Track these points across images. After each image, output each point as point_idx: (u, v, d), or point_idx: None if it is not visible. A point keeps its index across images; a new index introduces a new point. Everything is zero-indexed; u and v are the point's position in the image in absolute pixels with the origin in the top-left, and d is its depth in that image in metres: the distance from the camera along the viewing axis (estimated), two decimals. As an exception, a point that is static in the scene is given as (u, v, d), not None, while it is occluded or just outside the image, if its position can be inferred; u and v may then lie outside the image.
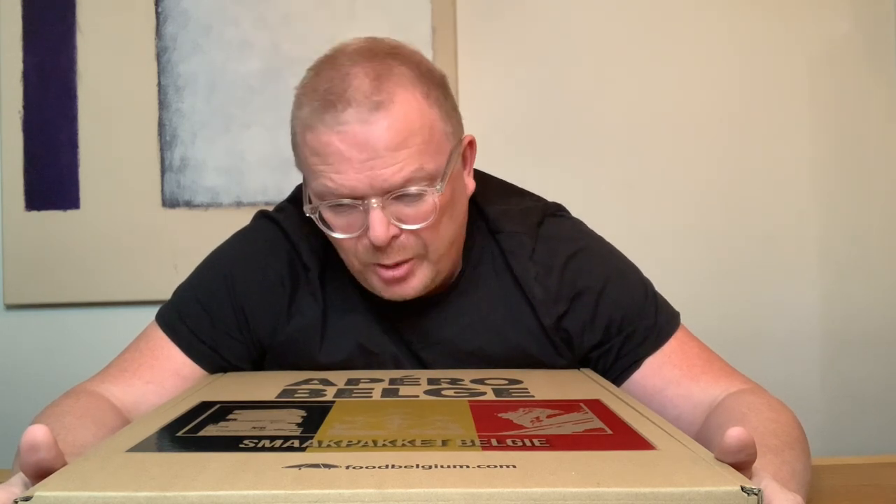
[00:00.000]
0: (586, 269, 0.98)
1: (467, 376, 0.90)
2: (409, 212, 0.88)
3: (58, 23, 1.67)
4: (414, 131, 0.86)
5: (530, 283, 0.97)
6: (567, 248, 0.99)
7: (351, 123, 0.85)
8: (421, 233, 0.89)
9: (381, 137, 0.85)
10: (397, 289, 0.92)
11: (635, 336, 0.96)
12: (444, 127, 0.90)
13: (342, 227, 0.90)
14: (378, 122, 0.85)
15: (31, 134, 1.66)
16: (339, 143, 0.85)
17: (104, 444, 0.60)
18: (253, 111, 1.68)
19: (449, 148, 0.91)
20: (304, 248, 0.99)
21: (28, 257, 1.66)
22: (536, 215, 1.02)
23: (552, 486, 0.49)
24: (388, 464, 0.53)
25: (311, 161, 0.88)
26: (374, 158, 0.85)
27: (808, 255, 1.74)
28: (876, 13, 1.73)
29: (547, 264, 0.98)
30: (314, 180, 0.89)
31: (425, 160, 0.87)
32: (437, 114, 0.90)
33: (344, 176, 0.86)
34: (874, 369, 1.74)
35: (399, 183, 0.86)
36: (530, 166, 1.67)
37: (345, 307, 0.99)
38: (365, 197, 0.86)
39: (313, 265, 0.99)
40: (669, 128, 1.73)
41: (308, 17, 1.68)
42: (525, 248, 0.98)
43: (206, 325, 0.98)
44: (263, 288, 0.98)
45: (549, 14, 1.72)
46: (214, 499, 0.48)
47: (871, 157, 1.75)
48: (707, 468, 0.53)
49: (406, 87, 0.87)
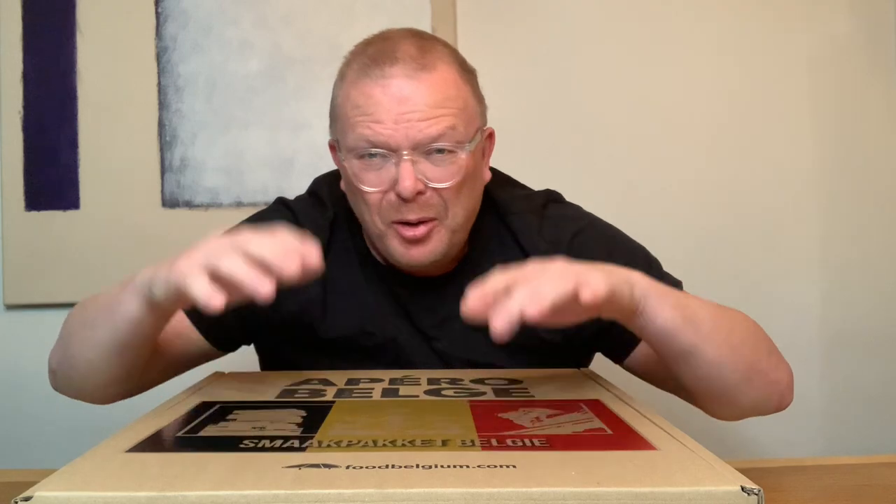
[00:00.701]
0: (591, 243, 1.03)
1: (467, 376, 0.90)
2: (437, 170, 0.94)
3: (58, 23, 1.67)
4: (451, 96, 0.94)
5: (540, 257, 0.99)
6: (572, 226, 1.05)
7: (397, 77, 0.92)
8: (444, 193, 0.95)
9: (422, 93, 0.92)
10: (415, 251, 0.96)
11: None
12: (476, 105, 1.00)
13: (372, 181, 0.95)
14: (422, 79, 0.93)
15: (31, 134, 1.66)
16: (381, 94, 0.92)
17: (104, 445, 0.60)
18: (253, 111, 1.68)
19: (477, 125, 0.99)
20: (310, 228, 1.03)
21: (28, 257, 1.66)
22: (541, 199, 1.09)
23: (552, 486, 0.49)
24: (388, 464, 0.53)
25: (351, 114, 0.94)
26: (413, 111, 0.92)
27: (809, 254, 1.74)
28: (876, 13, 1.73)
29: (554, 240, 1.03)
30: (351, 132, 0.94)
31: (458, 123, 0.94)
32: (470, 92, 0.99)
33: (382, 126, 0.92)
34: (874, 369, 1.74)
35: (433, 136, 0.92)
36: (530, 165, 1.66)
37: (348, 285, 1.03)
38: (398, 149, 0.92)
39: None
40: (669, 127, 1.73)
41: (308, 17, 1.68)
42: (533, 226, 1.04)
43: None
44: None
45: (549, 14, 1.72)
46: (214, 499, 0.48)
47: (871, 157, 1.75)
48: (707, 468, 0.53)
49: (447, 62, 0.96)
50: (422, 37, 0.99)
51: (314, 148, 1.67)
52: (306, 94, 1.67)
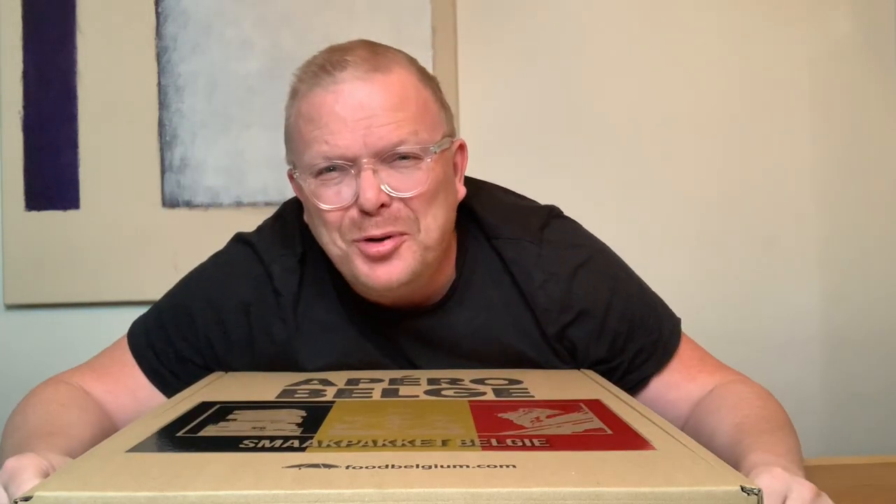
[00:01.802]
0: (595, 280, 0.96)
1: (467, 376, 0.90)
2: (402, 179, 0.86)
3: (58, 23, 1.67)
4: (409, 98, 0.87)
5: (534, 291, 0.95)
6: (575, 257, 0.97)
7: (348, 81, 0.85)
8: (413, 204, 0.87)
9: (378, 96, 0.85)
10: (381, 271, 0.87)
11: (641, 354, 0.96)
12: (438, 110, 0.91)
13: (330, 199, 0.87)
14: (376, 81, 0.85)
15: (31, 134, 1.66)
16: (333, 102, 0.85)
17: (104, 444, 0.60)
18: (253, 111, 1.68)
19: (443, 131, 0.90)
20: (277, 270, 0.96)
21: (28, 257, 1.66)
22: (539, 218, 1.00)
23: (552, 486, 0.49)
24: (388, 464, 0.53)
25: (304, 130, 0.87)
26: (370, 117, 0.84)
27: (809, 255, 1.74)
28: (876, 13, 1.73)
29: (554, 272, 0.95)
30: (307, 150, 0.87)
31: (420, 127, 0.87)
32: (430, 95, 0.90)
33: (338, 136, 0.84)
34: (874, 369, 1.74)
35: (394, 142, 0.85)
36: (530, 166, 1.67)
37: (325, 322, 0.96)
38: (357, 159, 0.85)
39: (286, 288, 0.96)
40: (670, 128, 1.73)
41: (308, 17, 1.68)
42: (529, 255, 0.95)
43: (170, 354, 0.98)
44: (225, 318, 0.96)
45: (549, 14, 1.72)
46: (214, 499, 0.48)
47: (871, 157, 1.75)
48: (707, 468, 0.53)
49: (402, 65, 0.89)
50: (374, 43, 0.91)
51: (314, 148, 1.66)
52: (306, 94, 1.66)
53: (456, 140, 0.95)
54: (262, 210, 1.13)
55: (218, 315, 0.97)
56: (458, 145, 0.95)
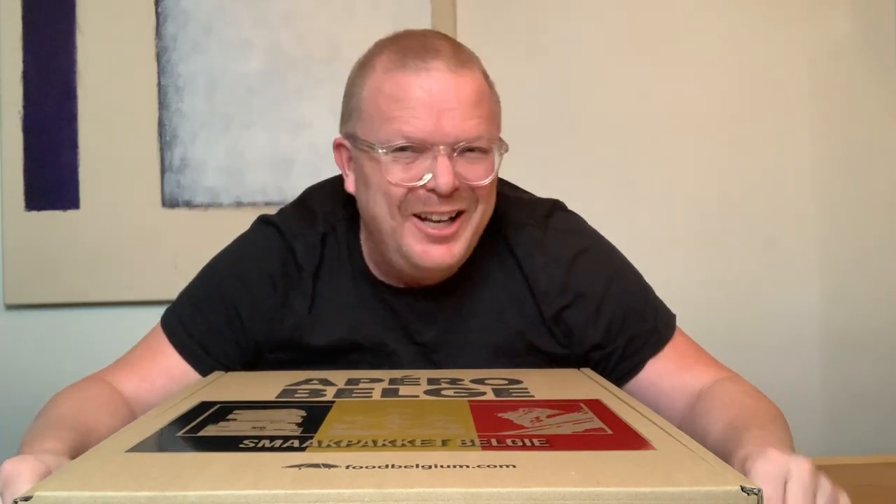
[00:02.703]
0: (594, 268, 1.00)
1: (467, 376, 0.90)
2: (471, 168, 0.92)
3: (58, 23, 1.67)
4: (485, 98, 0.94)
5: (536, 273, 0.99)
6: (577, 243, 1.02)
7: (439, 70, 0.90)
8: (478, 190, 0.93)
9: (463, 91, 0.90)
10: (437, 251, 0.93)
11: (636, 340, 0.98)
12: (498, 112, 0.98)
13: (399, 176, 0.91)
14: (463, 76, 0.91)
15: (31, 134, 1.66)
16: (421, 88, 0.89)
17: (104, 444, 0.60)
18: (253, 111, 1.68)
19: (499, 131, 0.97)
20: (300, 247, 1.00)
21: (28, 257, 1.66)
22: (544, 208, 1.05)
23: (552, 486, 0.49)
24: (388, 464, 0.53)
25: (385, 107, 0.91)
26: (455, 109, 0.90)
27: (809, 255, 1.74)
28: (876, 13, 1.73)
29: (556, 256, 1.00)
30: (386, 125, 0.91)
31: (491, 126, 0.94)
32: (494, 98, 0.97)
33: (422, 121, 0.89)
34: (874, 369, 1.74)
35: (473, 136, 0.90)
36: (530, 166, 1.66)
37: (339, 300, 1.00)
38: (435, 145, 0.90)
39: (307, 263, 1.00)
40: (670, 128, 1.73)
41: (308, 17, 1.68)
42: (533, 239, 1.00)
43: (201, 326, 1.00)
44: (256, 290, 1.00)
45: (549, 14, 1.72)
46: (214, 499, 0.48)
47: (871, 157, 1.75)
48: (707, 468, 0.53)
49: (478, 67, 0.96)
50: (451, 37, 0.98)
51: (314, 148, 1.66)
52: (306, 94, 1.66)
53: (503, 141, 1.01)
54: (261, 210, 1.12)
55: (246, 286, 1.00)
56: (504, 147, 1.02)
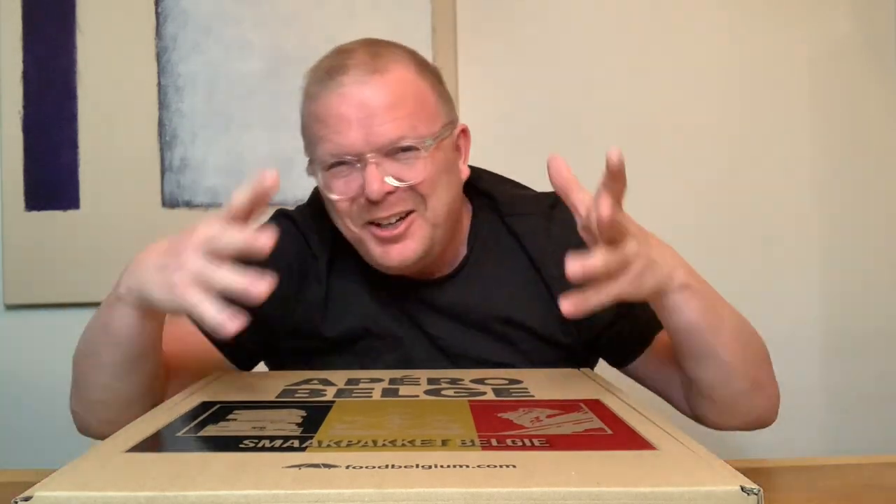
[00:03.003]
0: None
1: (467, 376, 0.90)
2: (403, 168, 0.94)
3: (58, 23, 1.67)
4: (407, 96, 0.95)
5: (545, 261, 1.02)
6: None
7: (349, 85, 0.93)
8: (418, 188, 0.95)
9: (376, 96, 0.93)
10: (394, 251, 0.96)
11: (644, 314, 0.98)
12: (436, 102, 0.98)
13: (340, 190, 0.96)
14: (374, 82, 0.94)
15: (31, 134, 1.66)
16: (338, 105, 0.93)
17: (104, 445, 0.60)
18: (253, 111, 1.68)
19: (441, 122, 0.98)
20: (314, 239, 1.05)
21: (28, 257, 1.66)
22: (548, 201, 1.07)
23: (552, 486, 0.49)
24: (388, 464, 0.53)
25: (315, 129, 0.96)
26: (371, 116, 0.93)
27: (809, 254, 1.74)
28: (876, 13, 1.73)
29: (564, 242, 1.00)
30: (318, 147, 0.96)
31: (417, 123, 0.95)
32: (428, 88, 0.98)
33: (343, 135, 0.93)
34: (874, 369, 1.74)
35: (393, 138, 0.93)
36: (529, 166, 1.66)
37: (351, 290, 1.04)
38: (361, 154, 0.93)
39: (322, 253, 1.05)
40: (670, 128, 1.73)
41: (308, 17, 1.68)
42: (539, 228, 1.04)
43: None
44: (271, 273, 1.01)
45: (548, 15, 1.72)
46: (214, 499, 0.48)
47: (871, 157, 1.75)
48: (707, 468, 0.53)
49: (400, 62, 0.97)
50: (376, 43, 0.99)
51: (314, 148, 1.67)
52: (306, 94, 1.67)
53: (459, 125, 1.02)
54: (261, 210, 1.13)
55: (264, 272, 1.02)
56: (459, 130, 1.03)
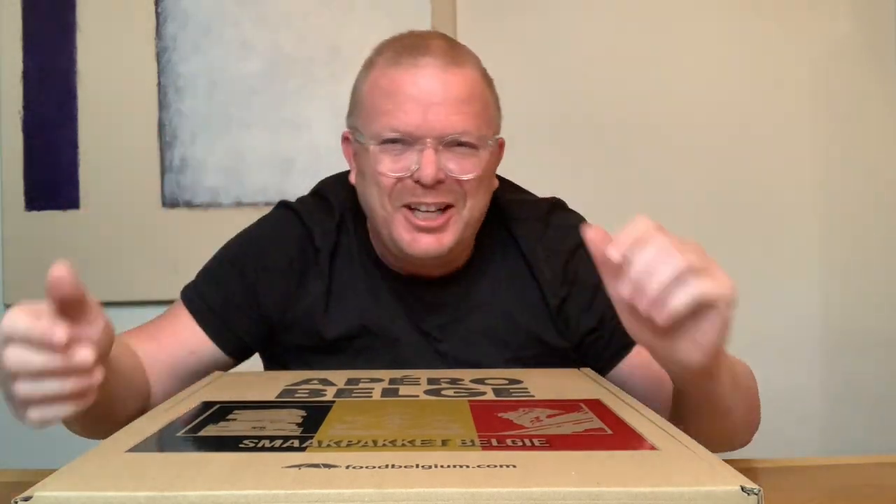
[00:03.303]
0: (589, 259, 1.00)
1: (467, 376, 0.90)
2: (459, 162, 0.95)
3: (58, 23, 1.67)
4: (476, 96, 0.97)
5: (540, 266, 1.03)
6: (575, 237, 1.02)
7: (427, 67, 0.94)
8: (464, 184, 0.95)
9: (453, 87, 0.94)
10: (426, 240, 0.95)
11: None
12: (494, 110, 1.01)
13: (389, 167, 0.95)
14: (454, 73, 0.95)
15: (31, 134, 1.66)
16: (412, 83, 0.94)
17: (104, 445, 0.60)
18: (253, 111, 1.68)
19: (494, 129, 1.01)
20: (317, 231, 1.04)
21: (28, 257, 1.66)
22: (546, 206, 1.09)
23: (552, 486, 0.49)
24: (388, 464, 0.53)
25: (378, 102, 0.95)
26: (441, 104, 0.93)
27: (809, 254, 1.74)
28: (876, 13, 1.73)
29: (555, 248, 1.03)
30: (377, 119, 0.95)
31: (481, 122, 0.96)
32: (490, 95, 1.01)
33: (409, 115, 0.93)
34: (874, 369, 1.74)
35: (459, 130, 0.94)
36: (528, 164, 1.66)
37: (352, 286, 1.03)
38: (422, 138, 0.93)
39: (324, 246, 1.04)
40: (670, 127, 1.73)
41: (308, 17, 1.68)
42: (536, 233, 1.05)
43: (219, 299, 1.03)
44: (273, 269, 1.04)
45: (549, 14, 1.72)
46: (214, 499, 0.48)
47: (871, 157, 1.75)
48: (707, 468, 0.53)
49: (473, 63, 0.99)
50: (451, 38, 1.03)
51: (314, 148, 1.67)
52: (306, 94, 1.67)
53: (499, 137, 1.03)
54: (262, 210, 1.13)
55: (264, 265, 1.04)
56: (500, 143, 1.04)
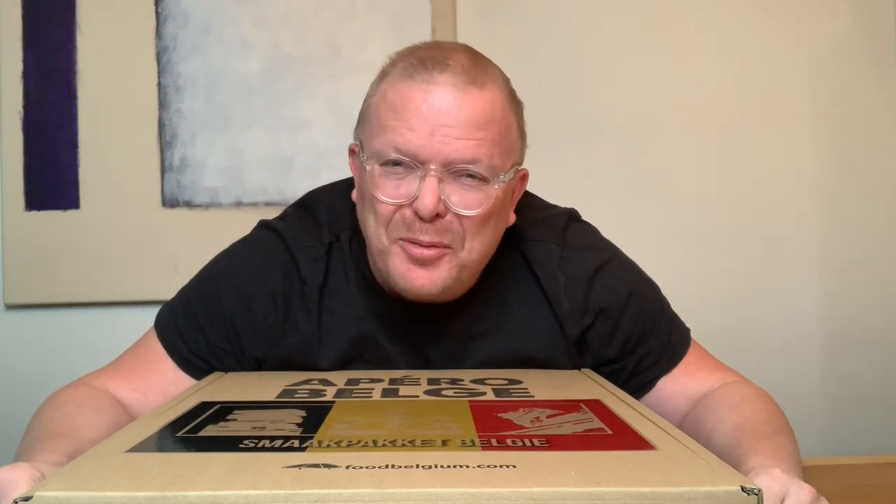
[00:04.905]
0: (612, 283, 0.97)
1: (467, 376, 0.90)
2: (464, 195, 0.85)
3: (58, 23, 1.67)
4: (495, 121, 0.86)
5: (558, 295, 0.95)
6: (595, 259, 0.98)
7: (442, 84, 0.84)
8: (466, 222, 0.86)
9: (466, 108, 0.84)
10: (418, 275, 0.87)
11: (649, 357, 0.97)
12: (517, 137, 0.91)
13: (388, 192, 0.86)
14: (471, 93, 0.84)
15: (31, 134, 1.66)
16: (422, 101, 0.84)
17: (104, 444, 0.60)
18: (253, 111, 1.68)
19: (513, 160, 0.90)
20: (304, 259, 0.95)
21: (28, 257, 1.66)
22: (561, 221, 1.00)
23: (552, 486, 0.49)
24: (388, 464, 0.53)
25: (384, 117, 0.86)
26: (452, 127, 0.83)
27: (809, 254, 1.74)
28: (876, 13, 1.73)
29: (576, 275, 0.96)
30: (381, 136, 0.86)
31: (495, 152, 0.86)
32: (514, 120, 0.90)
33: (415, 134, 0.83)
34: (874, 369, 1.74)
35: (468, 158, 0.84)
36: (529, 165, 1.67)
37: (346, 314, 0.95)
38: (426, 162, 0.84)
39: (312, 278, 0.95)
40: (669, 127, 1.73)
41: (308, 17, 1.68)
42: (553, 258, 0.96)
43: (201, 340, 0.95)
44: (254, 305, 0.95)
45: (548, 14, 1.72)
46: (214, 499, 0.48)
47: (871, 157, 1.75)
48: (707, 468, 0.53)
49: (497, 83, 0.88)
50: (478, 54, 0.90)
51: (314, 148, 1.66)
52: (306, 94, 1.66)
53: (521, 169, 0.94)
54: (262, 210, 1.13)
55: (246, 302, 0.95)
56: (521, 174, 0.95)
